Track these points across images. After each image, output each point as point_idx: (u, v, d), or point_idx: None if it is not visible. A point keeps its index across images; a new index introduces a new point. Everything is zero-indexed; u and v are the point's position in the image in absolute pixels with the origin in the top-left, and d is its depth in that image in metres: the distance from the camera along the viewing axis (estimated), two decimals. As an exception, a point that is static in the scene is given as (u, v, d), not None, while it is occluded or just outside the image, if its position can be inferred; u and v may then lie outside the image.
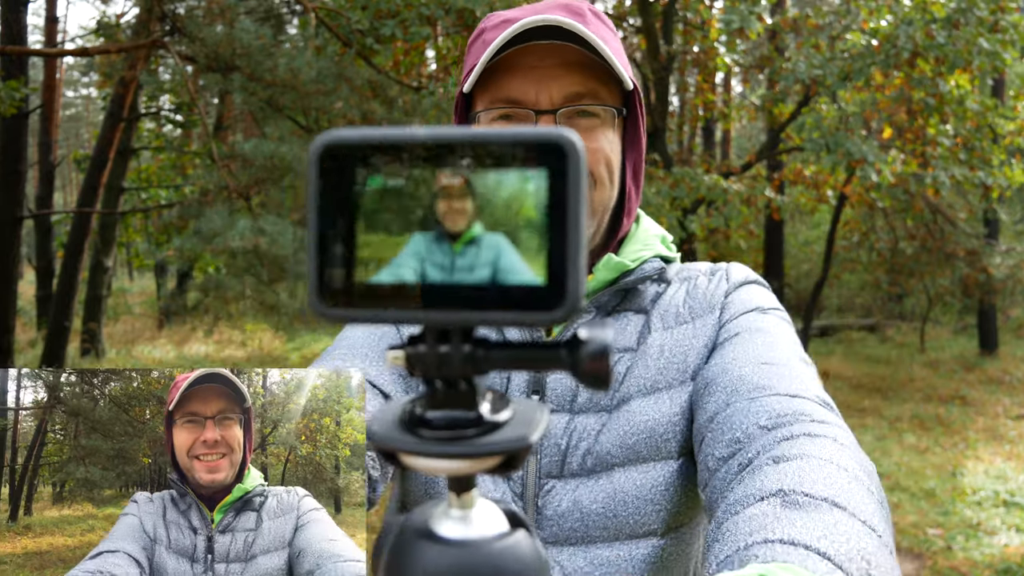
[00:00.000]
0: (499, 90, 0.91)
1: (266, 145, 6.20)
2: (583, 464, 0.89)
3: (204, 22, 6.77)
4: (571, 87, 0.89)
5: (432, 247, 0.28)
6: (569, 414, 0.90)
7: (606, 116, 0.92)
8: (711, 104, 11.64)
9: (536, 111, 0.89)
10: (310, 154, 0.29)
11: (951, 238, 11.26)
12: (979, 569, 4.46)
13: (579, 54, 0.89)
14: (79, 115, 36.82)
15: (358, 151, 0.28)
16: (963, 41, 7.01)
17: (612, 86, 0.93)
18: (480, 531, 0.31)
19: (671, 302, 0.97)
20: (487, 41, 0.91)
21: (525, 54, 0.89)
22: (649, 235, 1.01)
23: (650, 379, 0.92)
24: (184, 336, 12.75)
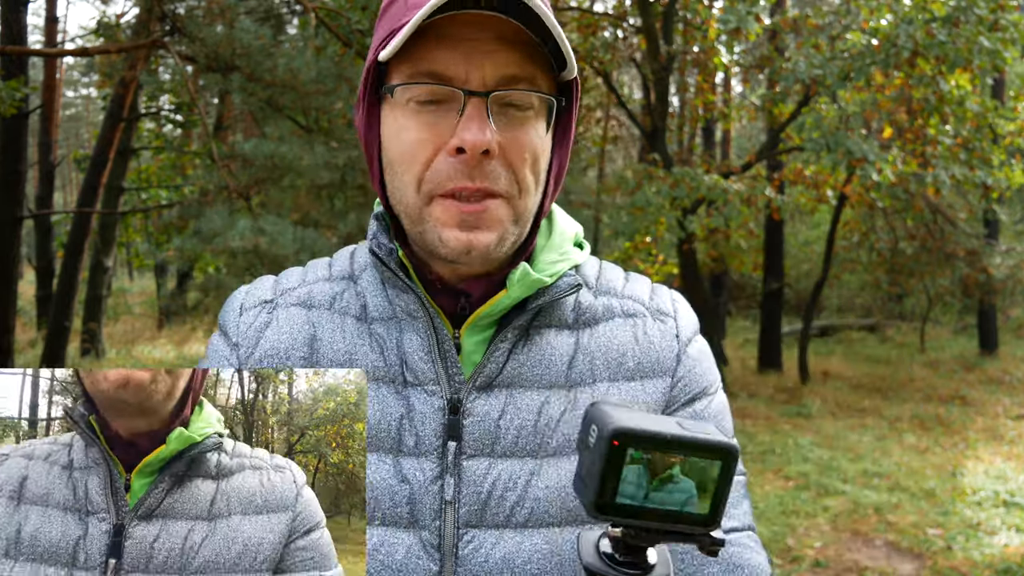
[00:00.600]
0: (422, 61, 0.76)
1: (266, 145, 6.20)
2: (511, 516, 0.79)
3: (204, 22, 6.77)
4: (507, 68, 0.76)
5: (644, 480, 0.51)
6: (490, 458, 0.80)
7: (540, 107, 0.79)
8: (711, 104, 11.64)
9: (465, 91, 0.75)
10: (604, 435, 0.51)
11: (951, 238, 11.26)
12: (979, 569, 4.47)
13: (518, 30, 0.76)
14: (79, 115, 36.83)
15: (633, 437, 0.50)
16: (963, 40, 7.01)
17: (549, 72, 0.80)
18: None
19: (616, 345, 0.86)
20: (411, 3, 0.77)
21: (455, 23, 0.75)
22: (565, 239, 0.89)
23: None
24: (184, 336, 12.76)
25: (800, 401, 9.21)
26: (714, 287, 14.65)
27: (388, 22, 0.81)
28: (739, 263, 12.99)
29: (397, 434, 0.80)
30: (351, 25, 5.97)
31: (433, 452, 0.79)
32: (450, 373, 0.81)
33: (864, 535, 5.08)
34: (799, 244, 17.03)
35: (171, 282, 17.29)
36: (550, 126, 0.82)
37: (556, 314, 0.86)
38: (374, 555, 0.78)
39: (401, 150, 0.79)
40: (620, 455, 0.48)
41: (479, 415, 0.81)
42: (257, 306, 0.90)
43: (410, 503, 0.79)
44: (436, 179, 0.77)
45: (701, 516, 0.50)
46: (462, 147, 0.75)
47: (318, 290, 0.89)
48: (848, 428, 8.10)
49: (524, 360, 0.83)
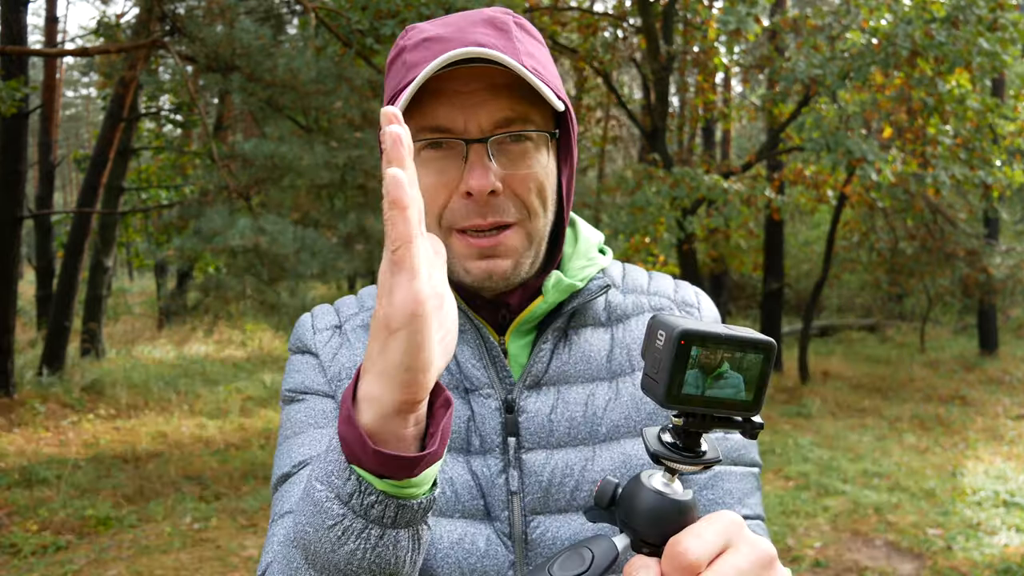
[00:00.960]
0: (425, 117, 0.86)
1: (266, 145, 6.20)
2: (573, 500, 0.88)
3: (204, 22, 6.77)
4: (500, 112, 0.85)
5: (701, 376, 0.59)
6: (548, 450, 0.89)
7: (539, 138, 0.88)
8: (711, 104, 11.64)
9: (466, 140, 0.85)
10: (673, 336, 0.59)
11: (951, 238, 11.26)
12: (979, 569, 4.46)
13: (507, 75, 0.85)
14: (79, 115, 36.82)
15: (696, 336, 0.58)
16: (963, 41, 7.01)
17: (544, 106, 0.89)
18: (678, 494, 0.62)
19: None
20: (408, 63, 0.87)
21: (450, 79, 0.85)
22: (590, 246, 0.99)
23: (641, 422, 0.91)
24: (184, 336, 12.75)
25: (800, 401, 9.21)
26: (714, 287, 14.65)
27: (392, 81, 0.91)
28: (739, 263, 13.00)
29: (466, 436, 0.90)
30: (351, 25, 5.97)
31: (496, 449, 0.89)
32: (501, 376, 0.91)
33: (864, 535, 5.08)
34: (799, 244, 17.03)
35: (171, 282, 17.28)
36: (551, 152, 0.91)
37: (590, 314, 0.96)
38: (459, 545, 0.86)
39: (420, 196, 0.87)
40: (686, 351, 0.57)
41: (532, 411, 0.90)
42: (328, 329, 1.00)
43: (483, 496, 0.88)
44: (452, 218, 0.87)
45: (746, 402, 0.59)
46: (470, 191, 0.84)
47: None
48: (848, 428, 8.10)
49: (567, 358, 0.93)
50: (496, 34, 0.87)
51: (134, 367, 9.78)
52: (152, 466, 6.20)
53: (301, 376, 0.97)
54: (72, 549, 4.62)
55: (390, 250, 0.57)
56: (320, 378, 0.95)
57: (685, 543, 0.56)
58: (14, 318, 7.72)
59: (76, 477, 5.77)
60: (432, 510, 0.88)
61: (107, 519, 5.04)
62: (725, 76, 13.72)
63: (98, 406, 7.88)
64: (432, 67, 0.81)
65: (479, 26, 0.88)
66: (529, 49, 0.89)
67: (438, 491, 0.87)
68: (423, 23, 0.93)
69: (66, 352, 8.91)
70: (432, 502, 0.69)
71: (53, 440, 6.77)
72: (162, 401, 8.28)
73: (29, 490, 5.47)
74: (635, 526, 0.61)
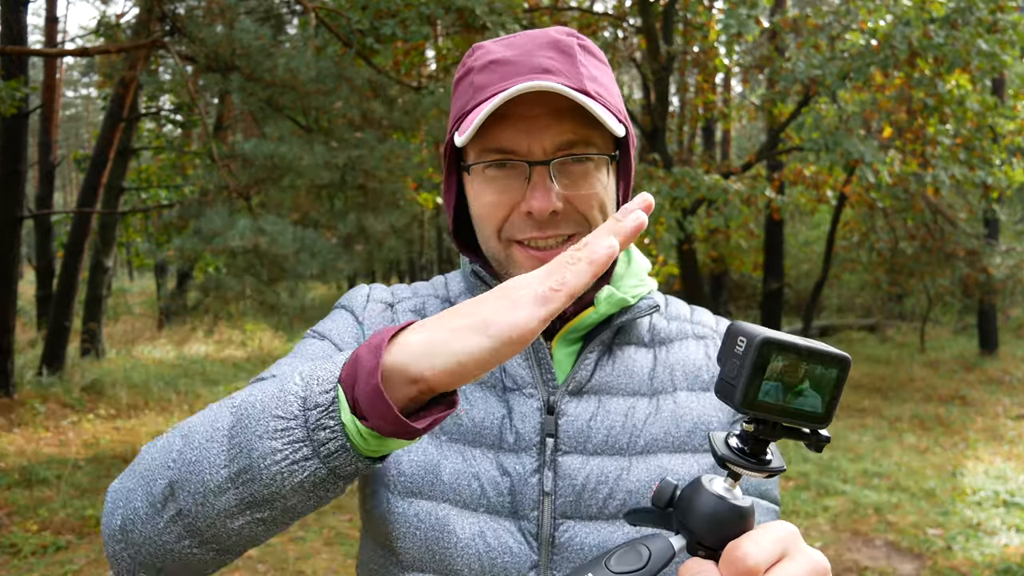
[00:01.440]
0: (490, 140, 0.89)
1: (266, 145, 6.20)
2: (604, 508, 0.89)
3: (204, 22, 6.77)
4: (563, 135, 0.88)
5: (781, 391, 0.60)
6: (585, 456, 0.91)
7: (599, 161, 0.91)
8: (711, 104, 11.64)
9: (529, 162, 0.88)
10: (755, 343, 0.60)
11: (951, 238, 11.26)
12: (979, 569, 4.46)
13: (570, 100, 0.88)
14: (79, 115, 36.81)
15: (776, 345, 0.59)
16: (962, 42, 7.01)
17: (605, 129, 0.91)
18: (738, 500, 0.61)
19: (693, 360, 0.99)
20: (476, 86, 0.91)
21: (515, 103, 0.88)
22: (641, 268, 1.02)
23: (680, 438, 0.93)
24: (184, 336, 12.75)
25: (800, 401, 9.19)
26: (714, 287, 14.64)
27: (459, 101, 0.95)
28: (739, 263, 13.01)
29: (499, 432, 0.91)
30: (351, 25, 5.97)
31: (532, 448, 0.90)
32: (545, 378, 0.93)
33: (864, 535, 5.08)
34: (799, 244, 17.03)
35: (171, 282, 17.28)
36: (611, 174, 0.94)
37: (635, 333, 0.99)
38: (481, 538, 0.88)
39: (482, 211, 0.93)
40: (765, 358, 0.59)
41: (572, 415, 0.92)
42: (381, 303, 1.03)
43: (511, 494, 0.89)
44: (512, 231, 0.91)
45: (819, 415, 0.60)
46: (531, 212, 0.88)
47: (430, 304, 1.03)
48: (848, 428, 8.10)
49: (610, 371, 0.95)
50: (561, 58, 0.91)
51: (134, 367, 9.78)
52: (152, 466, 6.19)
53: (335, 326, 0.99)
54: (72, 549, 4.62)
55: (552, 284, 0.59)
56: (350, 337, 0.97)
57: (744, 548, 0.56)
58: (14, 318, 7.72)
59: (76, 477, 5.77)
60: (455, 501, 0.90)
61: (107, 519, 5.04)
62: (725, 76, 13.72)
63: (98, 406, 7.88)
64: (502, 98, 0.84)
65: (544, 49, 0.91)
66: (592, 72, 0.92)
67: (464, 484, 0.90)
68: (489, 42, 0.96)
69: (66, 352, 8.91)
70: (367, 472, 0.68)
71: (53, 440, 6.77)
72: (162, 401, 8.28)
73: (29, 490, 5.47)
74: (693, 528, 0.61)
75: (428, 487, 0.91)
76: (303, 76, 6.12)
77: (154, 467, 0.73)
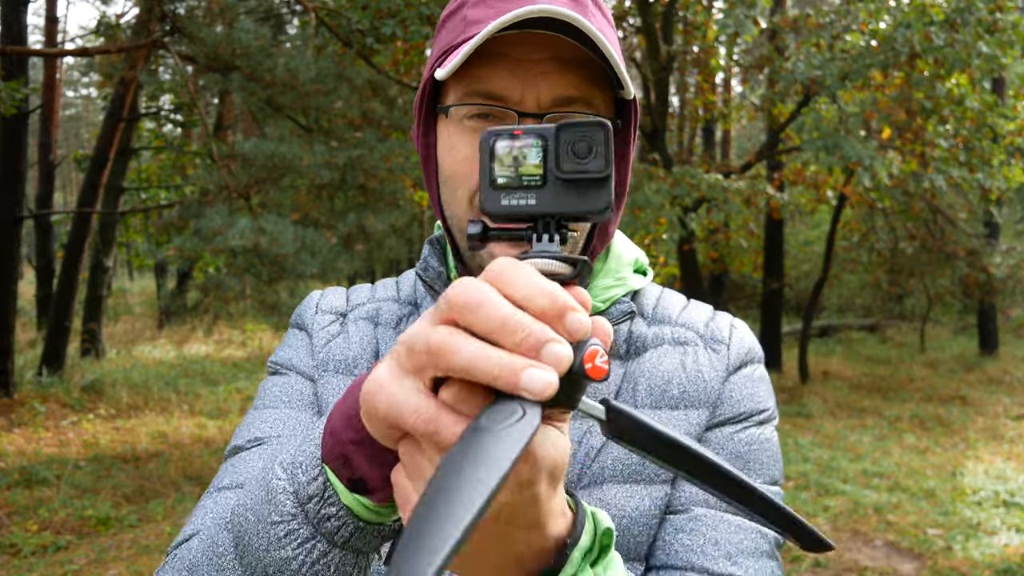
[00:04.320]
0: (477, 81, 0.76)
1: (266, 145, 6.20)
2: None
3: (204, 22, 6.77)
4: (563, 89, 0.75)
5: None
6: None
7: None
8: (711, 104, 11.64)
9: (520, 112, 0.75)
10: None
11: (951, 238, 11.26)
12: (979, 569, 4.46)
13: (575, 50, 0.75)
14: (79, 115, 36.81)
15: None
16: (961, 44, 7.01)
17: (607, 92, 0.79)
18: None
19: (662, 372, 0.84)
20: (469, 19, 0.78)
21: (512, 43, 0.75)
22: (622, 264, 0.88)
23: (631, 467, 0.80)
24: (184, 336, 12.75)
25: (800, 401, 9.21)
26: (714, 287, 14.64)
27: (446, 36, 0.81)
28: (739, 263, 13.00)
29: None
30: (351, 25, 5.97)
31: None
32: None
33: (864, 535, 5.08)
34: (799, 244, 17.02)
35: (171, 282, 17.28)
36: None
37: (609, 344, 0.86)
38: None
39: (454, 167, 0.78)
40: None
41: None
42: (331, 313, 0.93)
43: None
44: None
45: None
46: None
47: (386, 309, 0.92)
48: (848, 428, 8.10)
49: None
50: (572, 4, 0.77)
51: (134, 367, 9.77)
52: (152, 466, 6.19)
53: (290, 352, 0.91)
54: (72, 549, 4.62)
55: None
56: (307, 359, 0.89)
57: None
58: (14, 318, 7.72)
59: (76, 477, 5.77)
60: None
61: (107, 519, 5.04)
62: (725, 76, 13.73)
63: (98, 406, 7.88)
64: (501, 21, 0.70)
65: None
66: (602, 28, 0.79)
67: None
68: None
69: (66, 352, 8.91)
70: (393, 533, 0.59)
71: (53, 440, 6.77)
72: (162, 401, 8.28)
73: (29, 490, 5.47)
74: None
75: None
76: (303, 76, 6.13)
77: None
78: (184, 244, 6.03)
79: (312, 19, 6.08)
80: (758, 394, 0.86)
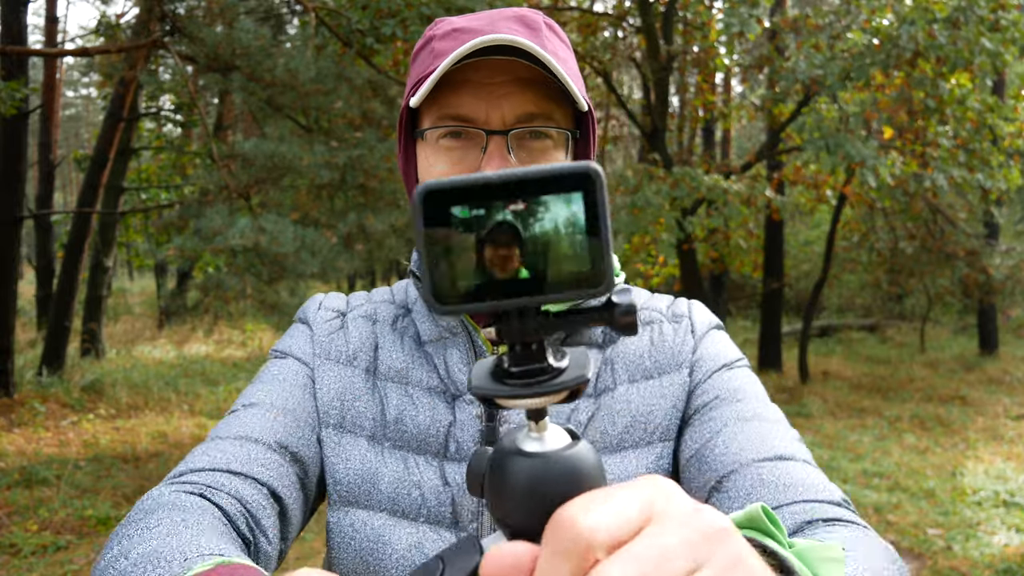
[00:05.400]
0: (447, 106, 0.85)
1: (266, 145, 6.20)
2: None
3: (204, 22, 6.77)
4: (524, 107, 0.85)
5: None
6: None
7: (559, 138, 0.88)
8: (711, 104, 11.64)
9: (487, 131, 0.84)
10: (415, 197, 0.40)
11: (951, 238, 11.26)
12: (979, 569, 4.46)
13: (532, 71, 0.85)
14: (79, 115, 36.81)
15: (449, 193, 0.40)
16: (964, 41, 7.01)
17: (566, 106, 0.88)
18: (553, 445, 0.42)
19: (634, 349, 0.94)
20: (436, 52, 0.87)
21: (475, 69, 0.84)
22: None
23: (616, 436, 0.89)
24: (184, 336, 12.75)
25: (800, 401, 9.21)
26: (714, 287, 14.64)
27: (418, 68, 0.90)
28: (739, 263, 13.00)
29: (444, 440, 0.88)
30: (351, 25, 5.97)
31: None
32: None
33: (864, 535, 5.07)
34: (799, 244, 17.02)
35: (171, 282, 17.28)
36: (569, 153, 0.90)
37: (587, 333, 0.95)
38: (418, 549, 0.85)
39: None
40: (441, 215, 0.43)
41: (513, 422, 0.88)
42: (332, 311, 1.01)
43: (452, 504, 0.86)
44: None
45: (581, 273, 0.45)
46: None
47: (383, 309, 1.01)
48: (848, 428, 8.10)
49: None
50: (526, 32, 0.87)
51: (134, 367, 9.77)
52: (152, 466, 6.20)
53: (291, 341, 0.99)
54: (72, 549, 4.62)
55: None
56: (307, 347, 0.97)
57: (573, 509, 0.35)
58: (14, 318, 7.72)
59: (76, 477, 5.77)
60: (393, 511, 0.86)
61: (107, 519, 5.04)
62: (725, 76, 13.72)
63: (98, 406, 7.88)
64: (460, 51, 0.80)
65: (509, 22, 0.88)
66: (555, 49, 0.88)
67: (403, 494, 0.86)
68: (453, 17, 0.93)
69: (66, 352, 8.91)
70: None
71: (53, 440, 6.77)
72: (162, 401, 8.28)
73: (29, 490, 5.47)
74: (503, 514, 0.41)
75: (365, 496, 0.88)
76: (303, 76, 6.12)
77: None
78: (184, 244, 6.03)
79: (312, 19, 6.08)
80: (729, 350, 0.97)
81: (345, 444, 0.91)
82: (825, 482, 0.83)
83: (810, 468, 0.83)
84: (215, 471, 0.83)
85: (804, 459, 0.85)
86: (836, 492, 0.82)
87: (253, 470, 0.84)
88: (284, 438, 0.88)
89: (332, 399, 0.93)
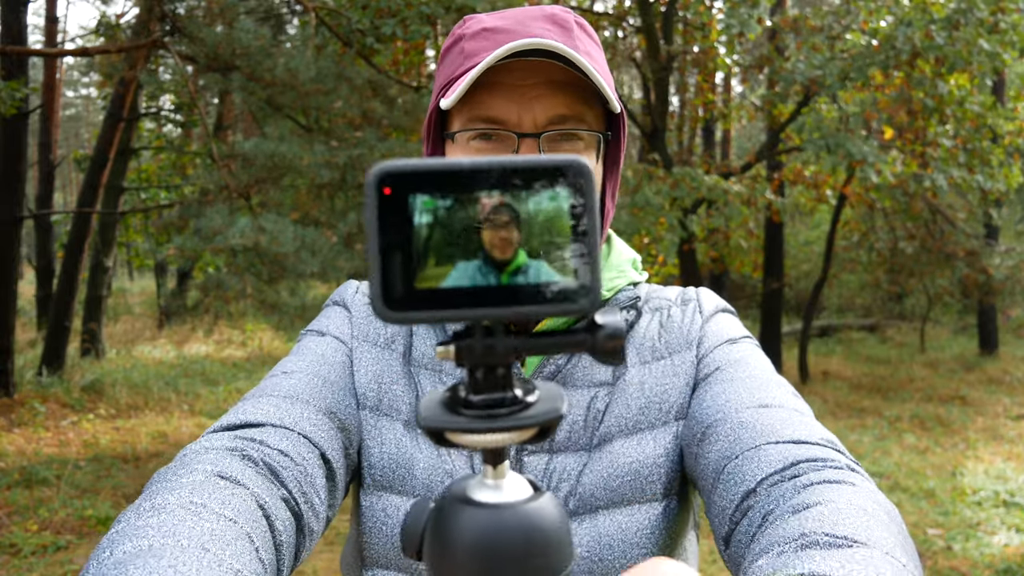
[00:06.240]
0: (479, 108, 0.85)
1: (266, 145, 6.20)
2: (565, 506, 0.85)
3: (204, 22, 6.77)
4: (556, 109, 0.85)
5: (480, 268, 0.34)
6: (548, 454, 0.88)
7: (590, 140, 0.87)
8: (711, 104, 11.63)
9: (519, 133, 0.84)
10: (368, 180, 0.33)
11: (951, 238, 11.26)
12: (979, 569, 4.46)
13: (565, 73, 0.84)
14: (79, 115, 36.80)
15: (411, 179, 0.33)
16: (963, 42, 7.01)
17: (597, 107, 0.88)
18: (512, 496, 0.35)
19: (645, 334, 0.95)
20: (467, 52, 0.86)
21: (507, 71, 0.84)
22: (622, 260, 0.98)
23: (631, 419, 0.90)
24: (184, 336, 12.75)
25: (800, 401, 9.20)
26: (714, 287, 14.64)
27: (447, 69, 0.90)
28: (739, 263, 13.00)
29: None
30: (351, 25, 5.97)
31: None
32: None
33: (864, 535, 5.07)
34: (799, 244, 17.02)
35: (171, 282, 17.28)
36: (600, 156, 0.89)
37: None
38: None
39: None
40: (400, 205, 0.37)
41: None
42: (367, 296, 1.01)
43: None
44: None
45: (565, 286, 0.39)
46: None
47: None
48: (848, 428, 8.10)
49: (576, 362, 0.91)
50: (557, 31, 0.87)
51: (134, 367, 9.77)
52: (152, 466, 6.19)
53: (329, 321, 0.99)
54: (72, 549, 4.62)
55: None
56: (346, 328, 0.97)
57: None
58: (14, 318, 7.72)
59: (76, 477, 5.77)
60: (426, 498, 0.86)
61: (107, 519, 5.04)
62: (725, 76, 13.72)
63: (98, 406, 7.88)
64: (497, 54, 0.80)
65: (540, 21, 0.87)
66: (588, 49, 0.88)
67: (436, 481, 0.87)
68: (482, 14, 0.92)
69: (66, 352, 8.91)
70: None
71: (53, 440, 6.77)
72: (162, 401, 8.28)
73: (29, 490, 5.47)
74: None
75: (400, 482, 0.88)
76: (303, 76, 6.12)
77: None
78: (184, 244, 6.03)
79: (312, 19, 6.08)
80: (735, 328, 0.98)
81: (382, 427, 0.91)
82: (812, 424, 0.81)
83: (797, 415, 0.82)
84: (264, 426, 0.81)
85: (794, 408, 0.83)
86: (822, 433, 0.80)
87: (306, 429, 0.82)
88: (332, 405, 0.88)
89: (370, 381, 0.93)
